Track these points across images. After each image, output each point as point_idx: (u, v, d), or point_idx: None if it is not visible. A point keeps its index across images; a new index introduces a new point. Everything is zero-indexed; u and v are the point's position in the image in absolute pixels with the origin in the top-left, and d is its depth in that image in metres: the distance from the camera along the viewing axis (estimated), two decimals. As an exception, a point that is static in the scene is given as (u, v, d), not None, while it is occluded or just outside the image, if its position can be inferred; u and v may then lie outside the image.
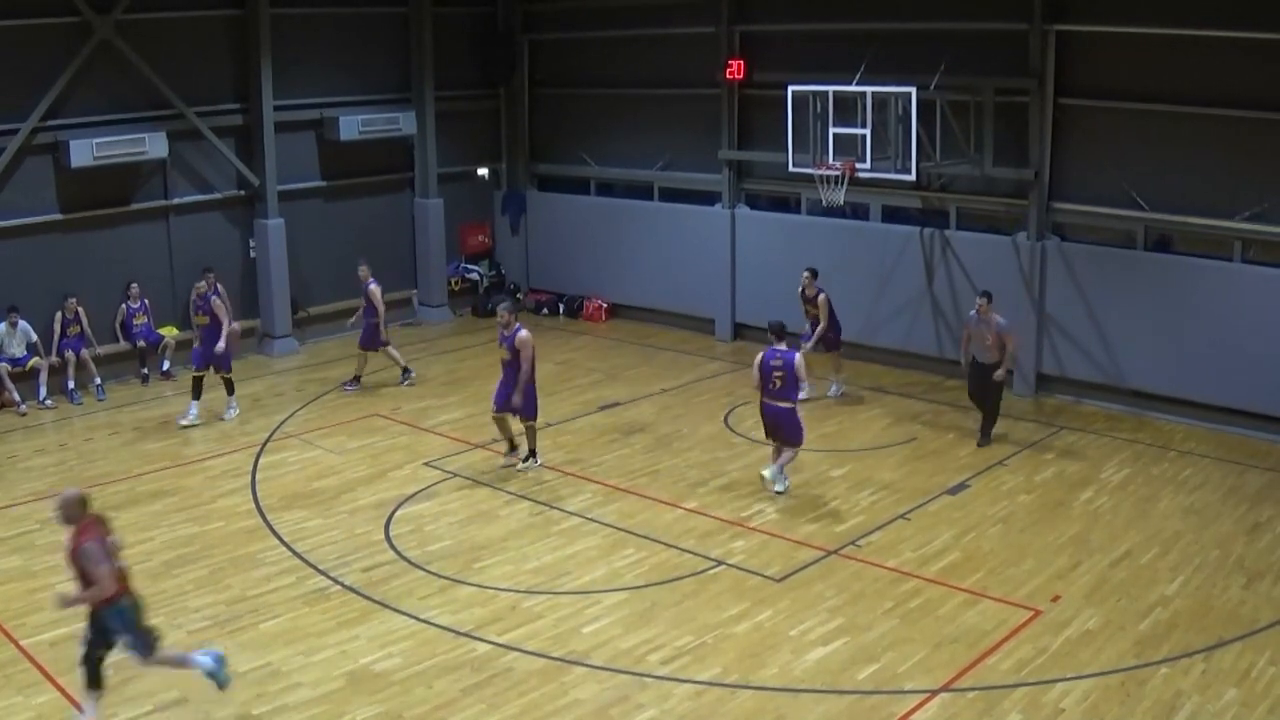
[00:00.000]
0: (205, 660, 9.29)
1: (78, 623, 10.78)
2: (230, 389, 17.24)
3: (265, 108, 20.21)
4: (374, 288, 18.48)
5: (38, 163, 18.23)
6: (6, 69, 17.63)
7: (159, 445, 16.18)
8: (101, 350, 18.80)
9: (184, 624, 10.95)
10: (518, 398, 14.42)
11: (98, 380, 18.55)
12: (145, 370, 19.22)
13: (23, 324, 17.88)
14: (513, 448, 14.97)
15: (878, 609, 11.10)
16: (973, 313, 15.68)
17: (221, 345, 16.77)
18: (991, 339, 15.28)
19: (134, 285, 19.06)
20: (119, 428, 17.06)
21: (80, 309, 18.41)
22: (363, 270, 18.62)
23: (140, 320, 19.29)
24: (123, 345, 19.09)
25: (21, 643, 10.60)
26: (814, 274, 17.35)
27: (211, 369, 16.95)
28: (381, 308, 18.53)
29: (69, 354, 18.27)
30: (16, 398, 17.63)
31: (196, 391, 16.95)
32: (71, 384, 18.26)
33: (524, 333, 14.53)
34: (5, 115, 17.73)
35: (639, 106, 22.13)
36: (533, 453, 14.96)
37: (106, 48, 18.44)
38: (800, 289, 17.41)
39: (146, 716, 9.43)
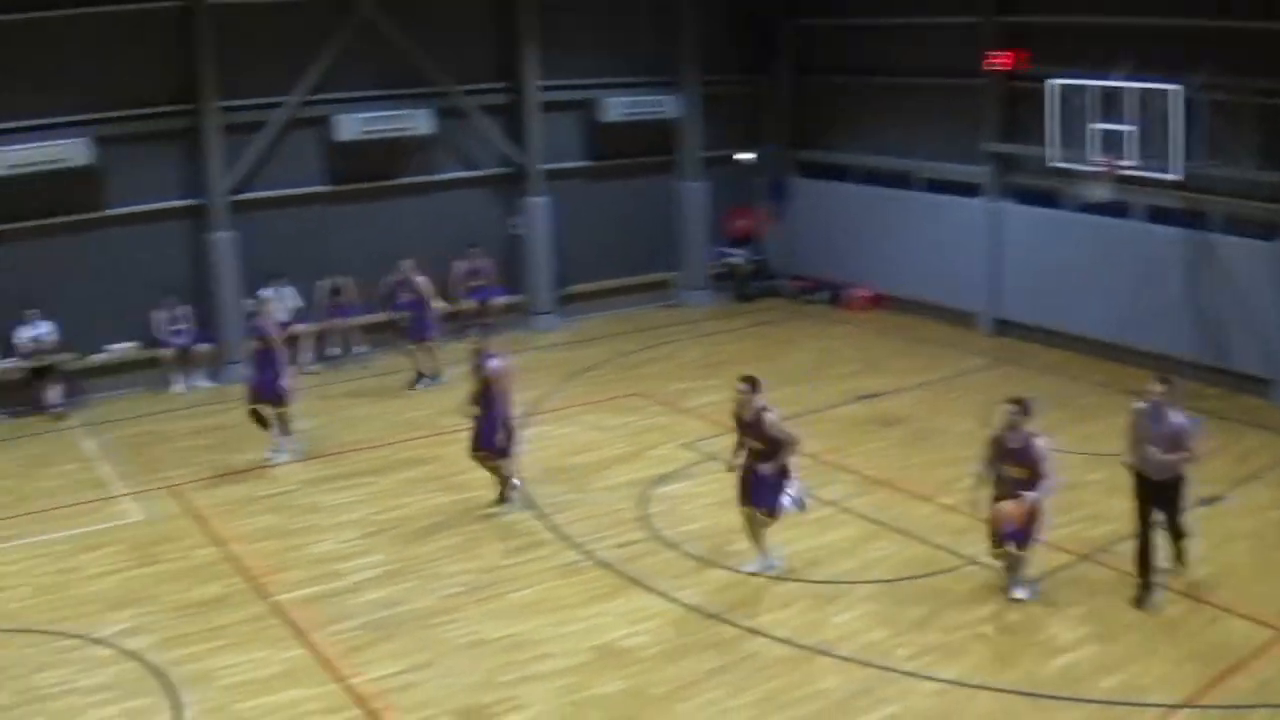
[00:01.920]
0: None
1: (329, 582, 10.88)
2: (431, 362, 17.56)
3: (530, 87, 20.15)
4: (421, 279, 17.81)
5: (304, 136, 18.62)
6: (275, 45, 18.02)
7: (417, 414, 16.19)
8: (367, 319, 19.02)
9: (436, 589, 10.80)
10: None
11: (362, 349, 18.81)
12: (470, 331, 19.00)
13: (288, 290, 18.27)
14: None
15: (1124, 618, 10.09)
16: (1144, 404, 10.43)
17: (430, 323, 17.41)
18: (1167, 442, 10.16)
19: (406, 261, 19.22)
20: (380, 395, 17.22)
21: (343, 281, 18.70)
22: (407, 264, 17.90)
23: (477, 283, 19.59)
24: (384, 316, 19.26)
25: (276, 599, 10.63)
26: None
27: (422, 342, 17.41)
28: (431, 300, 17.91)
29: (333, 322, 18.58)
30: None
31: (425, 366, 17.45)
32: (336, 351, 18.61)
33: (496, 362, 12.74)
34: (273, 89, 18.14)
35: (901, 94, 21.18)
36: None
37: (369, 26, 18.69)
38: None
39: (396, 677, 9.24)
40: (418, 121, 18.93)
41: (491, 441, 12.43)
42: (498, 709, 8.82)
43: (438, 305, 17.99)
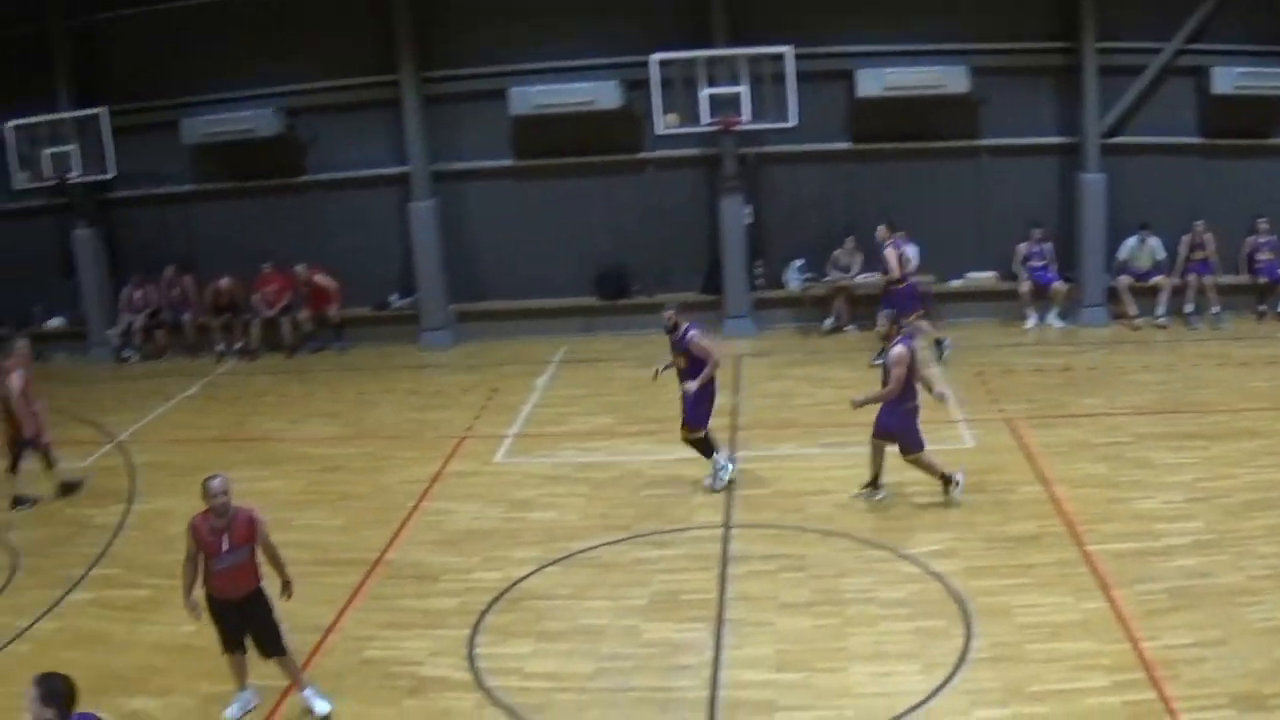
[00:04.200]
0: None
1: (1143, 540, 10.68)
2: None
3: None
4: (890, 251, 16.22)
5: (1178, 85, 17.86)
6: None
7: (1264, 384, 15.15)
8: (1224, 280, 18.02)
9: (1246, 567, 10.12)
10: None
11: (1216, 309, 17.89)
12: (1262, 307, 18.14)
13: (1153, 240, 17.81)
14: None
15: None
16: None
17: None
18: None
19: (1262, 220, 17.86)
20: (1226, 359, 16.33)
21: (1205, 235, 17.78)
22: (881, 230, 16.41)
23: (1266, 257, 18.07)
24: (1244, 278, 18.07)
25: (1088, 548, 10.60)
26: None
27: None
28: (896, 272, 16.21)
29: (1192, 278, 17.82)
30: (1133, 311, 17.74)
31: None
32: (1190, 307, 17.84)
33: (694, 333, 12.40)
34: (1153, 34, 17.56)
35: None
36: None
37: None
38: None
39: (1185, 649, 8.83)
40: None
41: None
42: (1276, 702, 8.15)
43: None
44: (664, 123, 17.85)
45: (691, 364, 12.27)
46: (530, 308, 18.50)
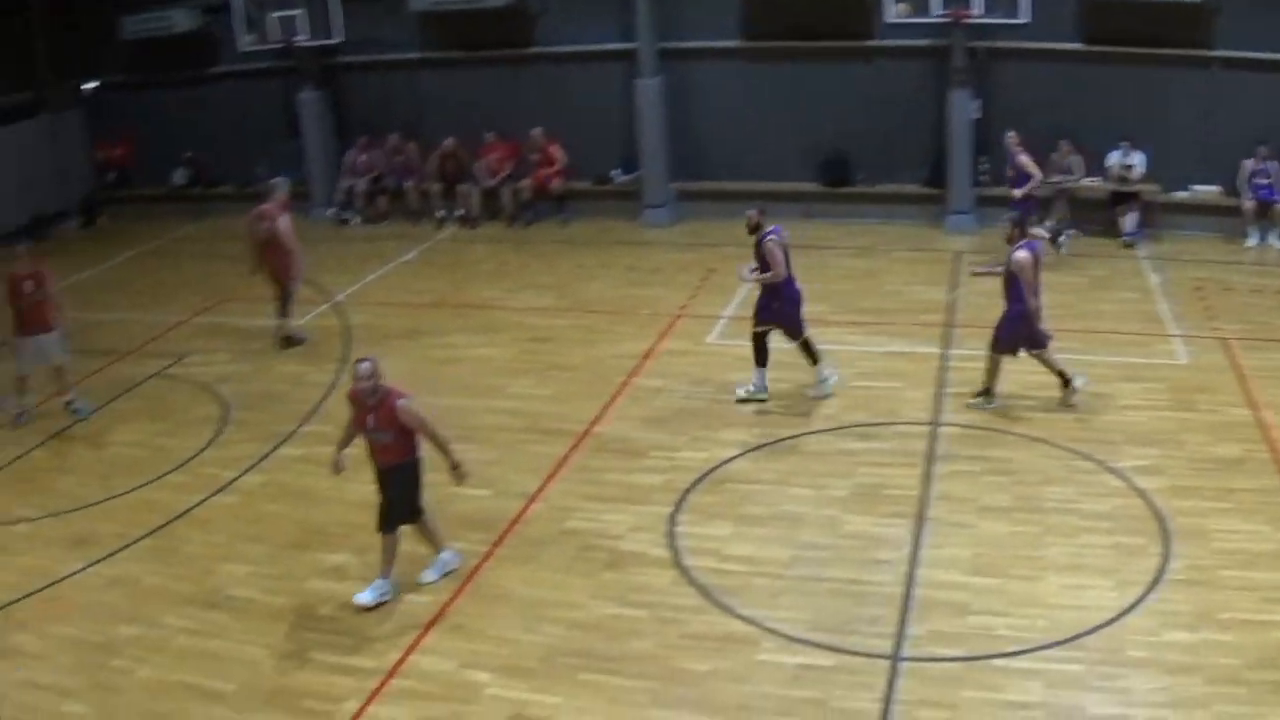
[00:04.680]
0: None
1: None
2: None
3: None
4: (1023, 158, 16.45)
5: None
6: None
7: None
8: None
9: None
10: None
11: None
12: None
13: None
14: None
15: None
16: None
17: None
18: None
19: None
20: None
21: None
22: (1010, 137, 16.68)
23: None
24: None
25: (1300, 477, 10.41)
26: None
27: None
28: (1039, 176, 16.48)
29: None
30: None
31: None
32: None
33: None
34: None
35: None
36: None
37: None
38: None
39: None
40: None
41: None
42: None
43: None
44: (895, 11, 17.75)
45: (764, 266, 12.35)
46: (752, 190, 18.63)
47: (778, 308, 12.39)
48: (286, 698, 8.34)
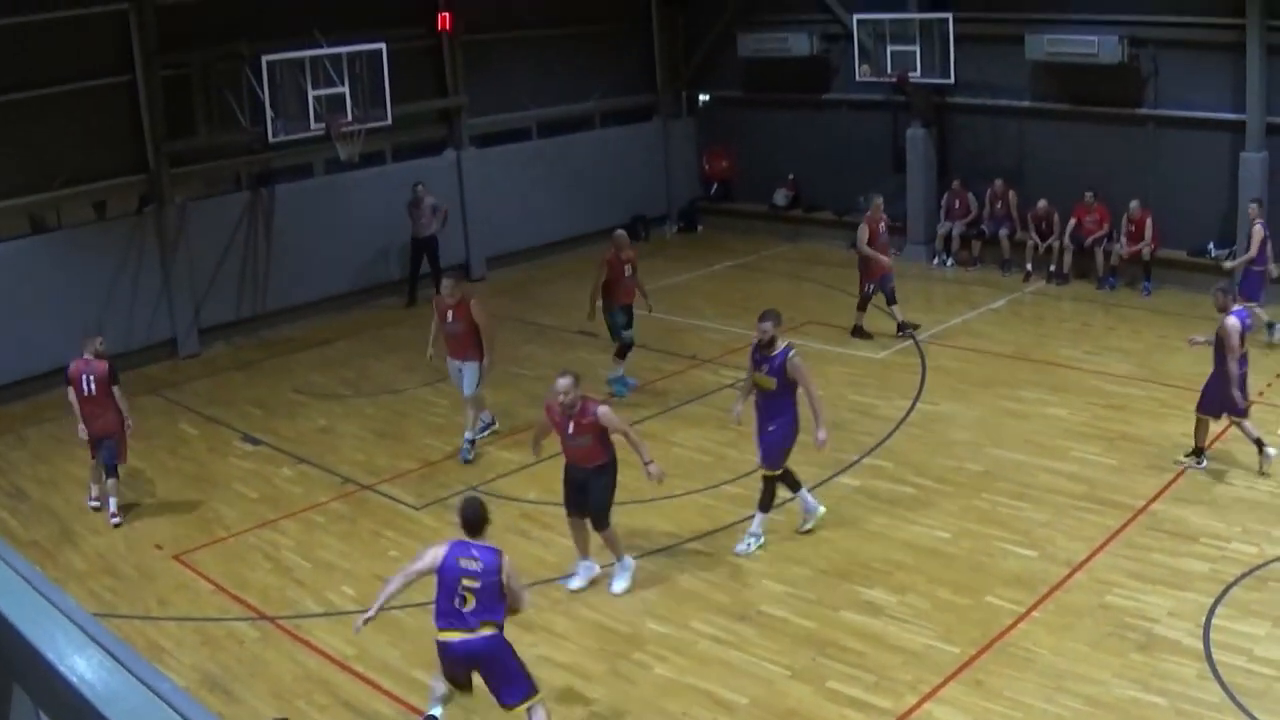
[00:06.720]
0: None
1: None
2: None
3: None
4: (1258, 228, 16.42)
5: None
6: None
7: None
8: None
9: None
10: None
11: None
12: None
13: None
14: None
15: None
16: None
17: None
18: None
19: None
20: None
21: None
22: (1252, 208, 16.66)
23: None
24: None
25: None
26: None
27: None
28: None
29: None
30: None
31: None
32: None
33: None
34: None
35: None
36: None
37: None
38: None
39: None
40: None
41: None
42: None
43: None
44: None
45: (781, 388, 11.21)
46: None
47: None
48: (797, 720, 8.72)
